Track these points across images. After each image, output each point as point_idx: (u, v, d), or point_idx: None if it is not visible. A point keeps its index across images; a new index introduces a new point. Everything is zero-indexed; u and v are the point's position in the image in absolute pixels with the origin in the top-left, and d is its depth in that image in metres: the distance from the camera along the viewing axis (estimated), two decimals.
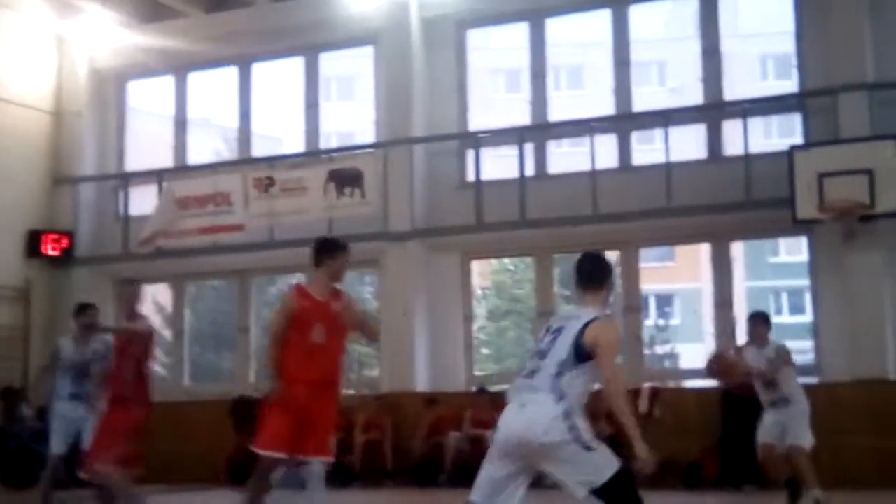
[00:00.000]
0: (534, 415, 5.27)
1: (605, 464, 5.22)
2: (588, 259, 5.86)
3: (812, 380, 14.43)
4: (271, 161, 17.31)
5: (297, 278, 18.02)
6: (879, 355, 13.24)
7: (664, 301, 33.57)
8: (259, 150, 18.43)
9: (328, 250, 8.03)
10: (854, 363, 13.25)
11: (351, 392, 17.22)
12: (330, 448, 7.78)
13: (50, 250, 17.34)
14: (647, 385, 14.20)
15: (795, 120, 15.49)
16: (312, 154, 17.34)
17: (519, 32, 16.84)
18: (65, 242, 17.46)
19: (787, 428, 9.83)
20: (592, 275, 5.75)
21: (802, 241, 15.20)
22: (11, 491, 13.96)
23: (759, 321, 10.20)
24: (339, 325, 7.85)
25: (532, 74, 16.45)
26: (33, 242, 17.25)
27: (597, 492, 5.17)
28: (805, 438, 9.81)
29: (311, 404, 7.59)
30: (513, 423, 5.33)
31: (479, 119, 17.09)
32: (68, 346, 10.48)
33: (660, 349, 29.82)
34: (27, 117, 17.51)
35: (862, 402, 12.83)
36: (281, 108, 19.72)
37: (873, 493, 11.24)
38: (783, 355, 9.85)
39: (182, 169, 17.98)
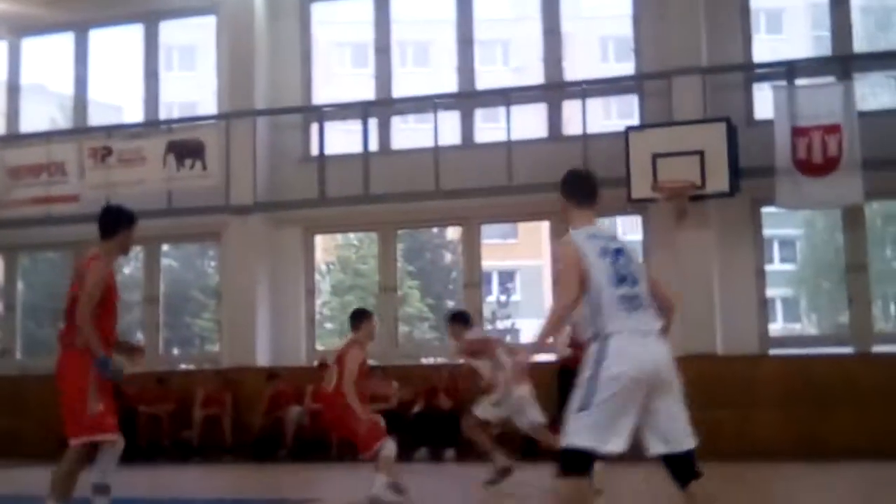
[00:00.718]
0: (659, 345, 5.10)
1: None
2: (588, 174, 5.71)
3: None
4: (109, 130, 16.86)
5: (137, 251, 17.69)
6: (709, 331, 13.76)
7: (506, 277, 34.10)
8: (96, 119, 17.93)
9: (127, 221, 7.28)
10: (685, 339, 13.69)
11: (191, 367, 17.04)
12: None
13: None
14: None
15: (633, 101, 15.89)
16: (152, 124, 16.97)
17: (364, 7, 16.80)
18: None
19: None
20: (596, 189, 5.51)
21: (637, 221, 15.63)
22: None
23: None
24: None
25: (377, 49, 16.46)
26: None
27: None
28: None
29: None
30: (642, 355, 5.00)
31: (324, 93, 17.02)
32: None
33: (501, 324, 30.30)
34: None
35: (691, 377, 13.24)
36: (120, 77, 19.20)
37: (701, 463, 11.68)
38: None
39: (14, 137, 17.38)
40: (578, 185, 5.51)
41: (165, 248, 17.44)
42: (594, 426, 4.88)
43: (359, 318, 9.42)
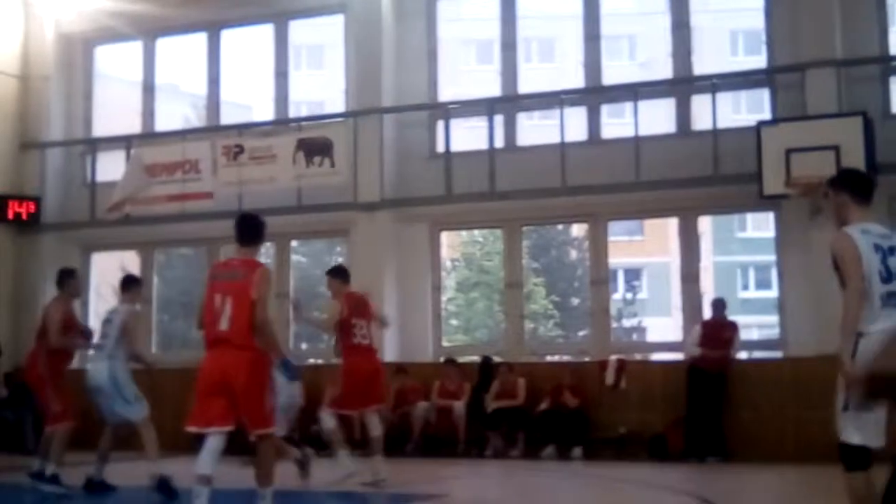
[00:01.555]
0: None
1: None
2: (865, 173, 5.89)
3: (777, 354, 14.61)
4: (241, 129, 17.23)
5: (267, 247, 18.01)
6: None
7: (632, 275, 33.75)
8: (228, 117, 18.32)
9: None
10: (819, 338, 13.36)
11: (319, 362, 17.27)
12: None
13: (16, 216, 17.20)
14: (613, 357, 14.33)
15: (764, 95, 15.56)
16: (282, 122, 17.26)
17: (490, 3, 16.80)
18: (31, 207, 17.34)
19: None
20: (873, 187, 5.76)
21: (769, 217, 15.31)
22: None
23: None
24: None
25: (503, 46, 16.45)
26: (0, 207, 17.11)
27: None
28: None
29: None
30: None
31: (450, 90, 17.07)
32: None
33: (627, 322, 29.98)
34: None
35: (826, 377, 12.91)
36: (250, 76, 19.58)
37: (838, 466, 11.39)
38: None
39: (150, 135, 17.87)
40: (859, 182, 5.77)
41: (294, 244, 17.71)
42: (861, 423, 5.18)
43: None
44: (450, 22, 17.37)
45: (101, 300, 19.36)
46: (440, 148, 15.88)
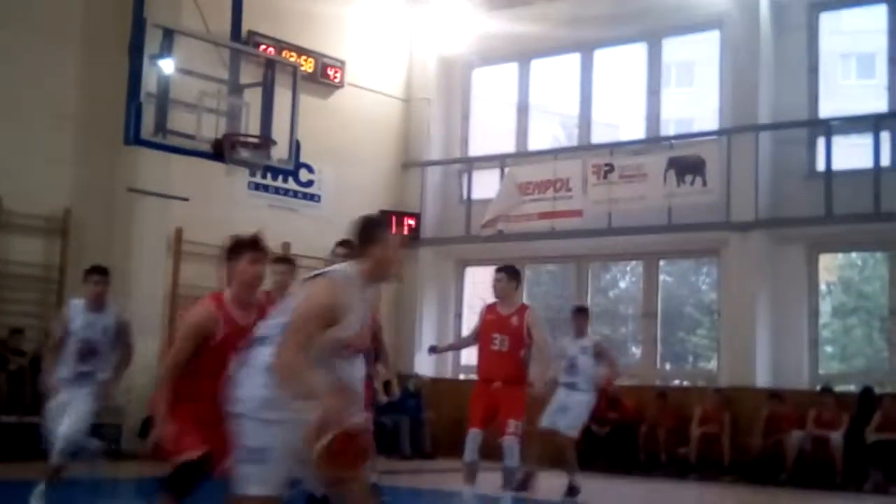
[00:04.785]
0: None
1: None
2: None
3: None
4: (611, 147, 17.30)
5: (633, 266, 18.01)
6: None
7: None
8: (598, 136, 18.46)
9: None
10: None
11: (686, 383, 17.04)
12: None
13: (399, 230, 18.12)
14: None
15: None
16: (652, 141, 17.18)
17: (875, 15, 15.95)
18: (412, 223, 18.22)
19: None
20: None
21: None
22: None
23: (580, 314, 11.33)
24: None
25: (889, 59, 15.53)
26: None
27: None
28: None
29: None
30: None
31: (831, 105, 16.31)
32: None
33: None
34: (380, 103, 18.38)
35: None
36: (621, 95, 19.64)
37: None
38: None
39: (523, 154, 18.32)
40: None
41: (662, 263, 17.56)
42: None
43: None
44: (831, 34, 16.63)
45: (472, 313, 20.04)
46: (820, 166, 15.21)
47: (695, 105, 21.38)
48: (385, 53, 18.62)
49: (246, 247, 5.78)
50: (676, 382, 17.52)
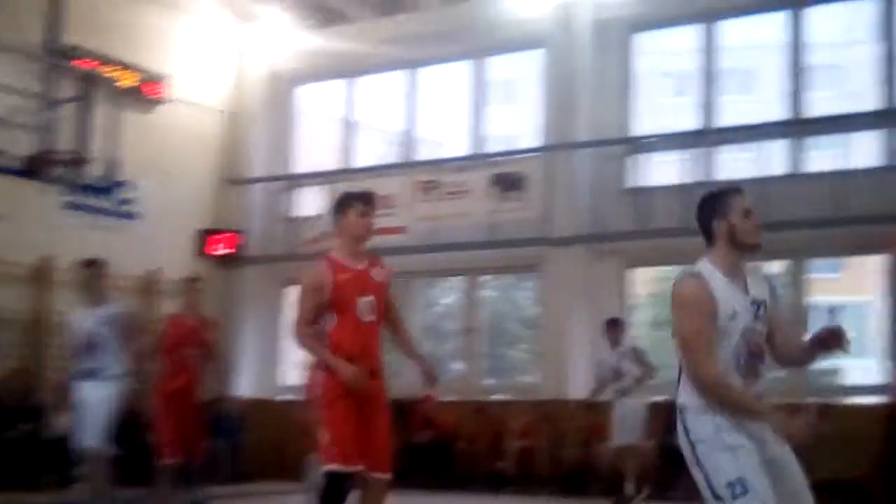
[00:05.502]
0: None
1: None
2: None
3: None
4: (435, 164, 17.40)
5: (455, 281, 18.07)
6: None
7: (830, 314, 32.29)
8: (422, 153, 18.56)
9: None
10: None
11: (507, 397, 17.19)
12: None
13: (220, 249, 17.83)
14: (811, 401, 13.70)
15: None
16: (476, 158, 17.34)
17: (688, 35, 16.49)
18: (234, 241, 17.93)
19: None
20: None
21: None
22: None
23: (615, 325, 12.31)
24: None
25: (701, 78, 16.09)
26: (203, 241, 17.77)
27: None
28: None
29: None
30: None
31: (645, 123, 16.79)
32: None
33: (825, 364, 28.65)
34: (203, 118, 18.04)
35: None
36: (445, 112, 19.79)
37: None
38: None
39: (348, 171, 18.25)
40: None
41: (485, 278, 17.73)
42: None
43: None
44: (646, 54, 17.12)
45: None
46: (635, 183, 15.62)
47: (518, 122, 21.66)
48: (212, 69, 18.32)
49: (356, 199, 6.16)
50: (498, 397, 17.67)
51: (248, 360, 17.92)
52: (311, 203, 17.80)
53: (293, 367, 19.58)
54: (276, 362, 18.35)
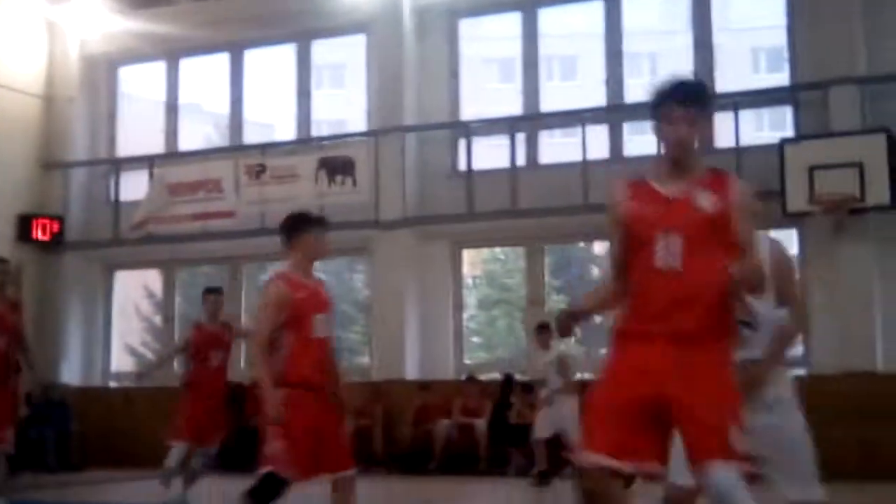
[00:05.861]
0: None
1: None
2: None
3: (801, 371, 14.52)
4: (263, 148, 17.29)
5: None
6: (868, 348, 13.31)
7: None
8: (250, 137, 18.40)
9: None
10: (843, 356, 13.31)
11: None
12: None
13: (40, 235, 17.34)
14: None
15: (786, 113, 15.53)
16: (304, 142, 17.33)
17: (512, 22, 16.84)
18: (55, 227, 17.46)
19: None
20: None
21: (792, 234, 15.23)
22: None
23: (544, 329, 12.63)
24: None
25: (524, 64, 16.48)
26: (24, 227, 17.24)
27: None
28: None
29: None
30: None
31: (472, 108, 17.08)
32: None
33: None
34: (17, 101, 17.45)
35: (849, 395, 12.87)
36: (272, 96, 19.67)
37: (857, 483, 11.33)
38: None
39: (173, 155, 17.97)
40: None
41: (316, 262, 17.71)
42: None
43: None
44: (471, 41, 17.40)
45: (123, 318, 19.48)
46: (462, 166, 15.90)
47: (345, 107, 21.70)
48: (22, 50, 17.69)
49: (313, 224, 6.44)
50: None
51: (73, 347, 17.49)
52: (135, 187, 17.41)
53: (120, 354, 19.28)
54: (102, 349, 17.97)
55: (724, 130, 14.74)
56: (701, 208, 4.22)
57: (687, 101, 4.38)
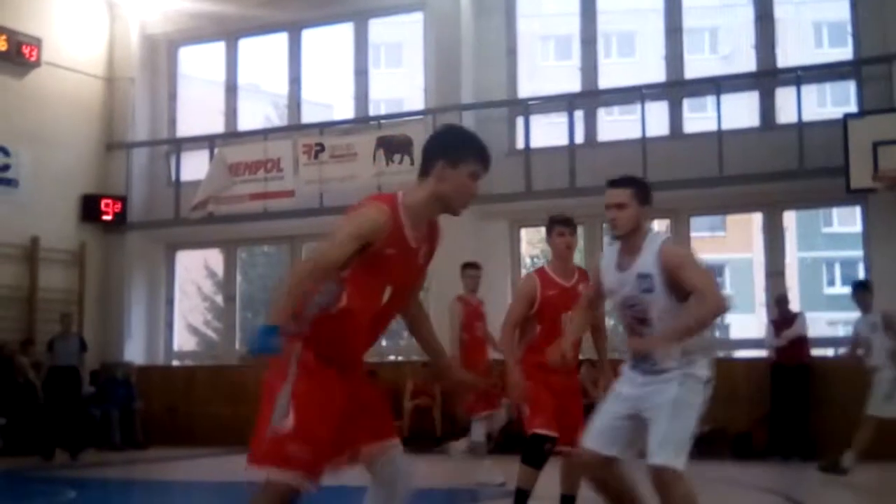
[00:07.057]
0: None
1: None
2: None
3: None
4: (321, 127, 17.37)
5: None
6: None
7: (715, 271, 33.32)
8: (309, 116, 18.49)
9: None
10: None
11: (399, 358, 17.35)
12: None
13: (103, 215, 17.56)
14: None
15: (850, 88, 15.28)
16: (362, 121, 17.36)
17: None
18: (118, 207, 17.69)
19: None
20: None
21: (856, 211, 15.03)
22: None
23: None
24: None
25: (582, 41, 16.36)
26: (87, 207, 17.49)
27: None
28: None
29: None
30: None
31: (529, 86, 17.03)
32: None
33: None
34: (79, 83, 17.68)
35: None
36: (330, 75, 19.74)
37: None
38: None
39: (233, 135, 18.10)
40: None
41: None
42: None
43: None
44: (529, 18, 17.33)
45: (185, 297, 19.71)
46: (520, 144, 15.84)
47: (403, 85, 21.76)
48: (85, 31, 17.91)
49: (556, 222, 7.02)
50: (392, 358, 17.83)
51: (136, 326, 17.72)
52: (196, 167, 17.57)
53: (182, 333, 19.51)
54: (164, 328, 18.20)
55: (787, 106, 14.55)
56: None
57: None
